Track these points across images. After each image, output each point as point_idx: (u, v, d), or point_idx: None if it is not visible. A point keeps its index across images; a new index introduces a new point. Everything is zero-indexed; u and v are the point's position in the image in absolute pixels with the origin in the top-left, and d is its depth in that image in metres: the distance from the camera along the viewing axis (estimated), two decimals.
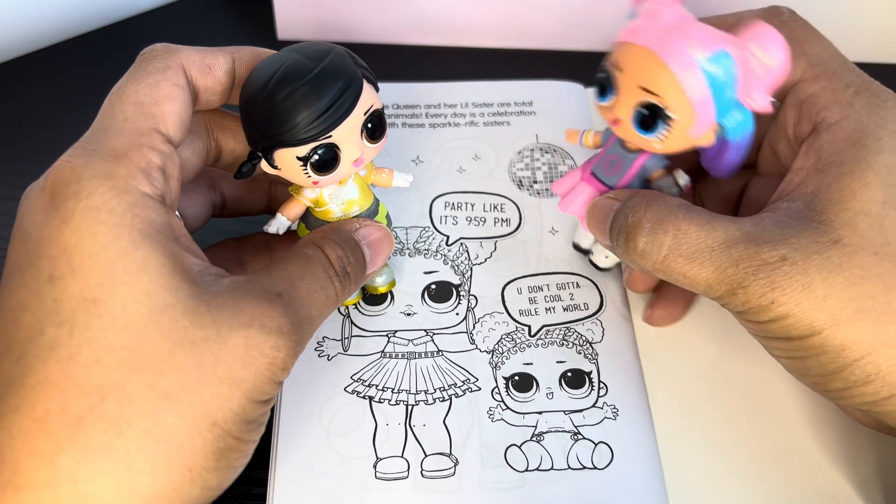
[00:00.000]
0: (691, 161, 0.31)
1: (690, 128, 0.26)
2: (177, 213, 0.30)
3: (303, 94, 0.26)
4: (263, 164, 0.28)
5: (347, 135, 0.27)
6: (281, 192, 0.33)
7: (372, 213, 0.31)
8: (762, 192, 0.30)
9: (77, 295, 0.22)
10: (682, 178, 0.29)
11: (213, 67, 0.27)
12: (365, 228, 0.29)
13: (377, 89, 0.28)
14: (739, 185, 0.32)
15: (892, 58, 0.45)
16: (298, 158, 0.27)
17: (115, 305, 0.22)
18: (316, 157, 0.27)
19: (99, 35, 0.45)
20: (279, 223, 0.29)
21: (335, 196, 0.30)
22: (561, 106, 0.41)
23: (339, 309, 0.34)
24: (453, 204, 0.38)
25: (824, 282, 0.24)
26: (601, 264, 0.35)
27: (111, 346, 0.22)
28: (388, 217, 0.32)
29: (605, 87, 0.28)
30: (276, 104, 0.26)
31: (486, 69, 0.44)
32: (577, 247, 0.36)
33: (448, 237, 0.36)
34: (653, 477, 0.30)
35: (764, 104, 0.26)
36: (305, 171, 0.27)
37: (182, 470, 0.23)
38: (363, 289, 0.34)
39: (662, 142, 0.27)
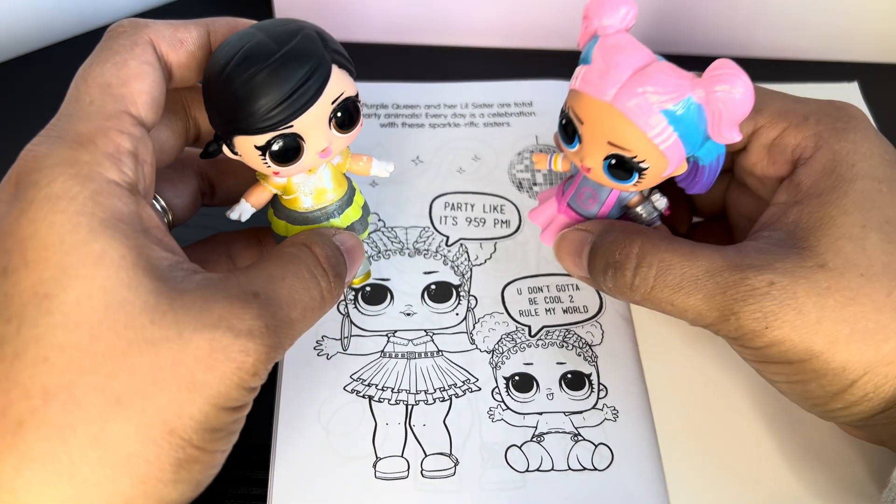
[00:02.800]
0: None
1: (663, 171, 0.26)
2: (161, 202, 0.29)
3: (262, 80, 0.24)
4: (225, 149, 0.26)
5: (312, 124, 0.25)
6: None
7: (346, 202, 0.29)
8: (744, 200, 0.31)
9: (29, 289, 0.21)
10: (661, 202, 0.29)
11: (186, 42, 0.26)
12: (341, 235, 0.28)
13: (353, 75, 0.26)
14: (724, 186, 0.33)
15: (892, 58, 0.45)
16: (257, 147, 0.25)
17: (68, 301, 0.21)
18: (275, 146, 0.25)
19: (99, 35, 0.44)
20: (242, 209, 0.28)
21: (304, 185, 0.28)
22: (560, 106, 0.41)
23: (337, 308, 0.34)
24: (453, 204, 0.38)
25: (815, 305, 0.24)
26: None
27: (60, 345, 0.20)
28: (364, 207, 0.30)
29: (572, 134, 0.27)
30: (235, 88, 0.24)
31: (486, 68, 0.44)
32: None
33: (448, 237, 0.36)
34: (653, 478, 0.30)
35: (733, 138, 0.25)
36: (265, 161, 0.25)
37: (133, 482, 0.21)
38: None
39: (637, 186, 0.27)
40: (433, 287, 0.35)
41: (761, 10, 0.43)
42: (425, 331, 0.33)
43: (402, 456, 0.30)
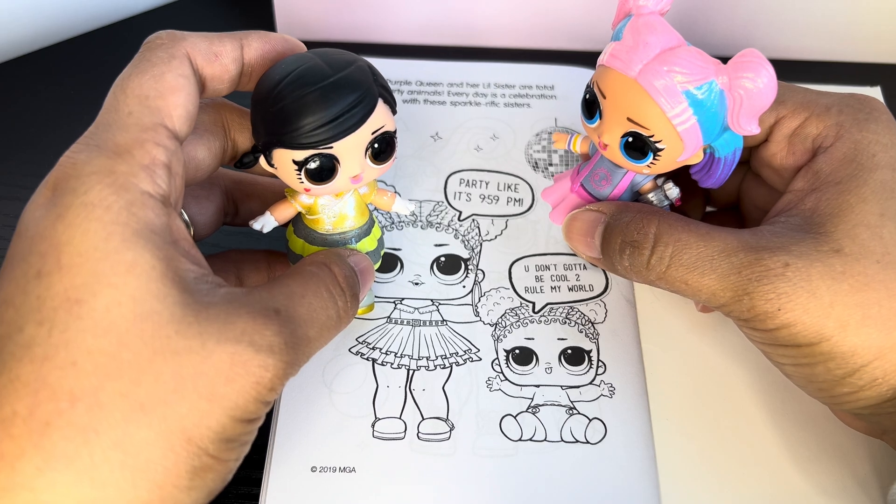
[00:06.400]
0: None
1: (679, 155, 0.26)
2: (184, 216, 0.29)
3: (313, 99, 0.25)
4: (262, 161, 0.27)
5: (350, 150, 0.26)
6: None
7: (363, 232, 0.30)
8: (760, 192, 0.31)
9: (61, 294, 0.21)
10: (673, 192, 0.29)
11: (221, 55, 0.26)
12: (355, 256, 0.29)
13: (394, 111, 0.28)
14: (739, 178, 0.33)
15: (892, 58, 0.45)
16: (294, 162, 0.26)
17: (98, 307, 0.21)
18: (312, 164, 0.26)
19: (99, 35, 0.45)
20: (265, 221, 0.29)
21: (329, 208, 0.29)
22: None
23: None
24: (468, 181, 0.38)
25: (829, 289, 0.24)
26: None
27: (88, 350, 0.21)
28: (380, 241, 0.31)
29: (591, 109, 0.27)
30: (285, 104, 0.25)
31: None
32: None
33: (461, 212, 0.37)
34: (644, 455, 0.30)
35: (752, 130, 0.25)
36: (299, 177, 0.26)
37: (151, 487, 0.21)
38: None
39: (651, 168, 0.27)
40: (443, 259, 0.36)
41: (782, 11, 0.43)
42: (432, 300, 0.34)
43: (399, 418, 0.31)
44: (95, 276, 0.21)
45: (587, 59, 0.43)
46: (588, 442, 0.31)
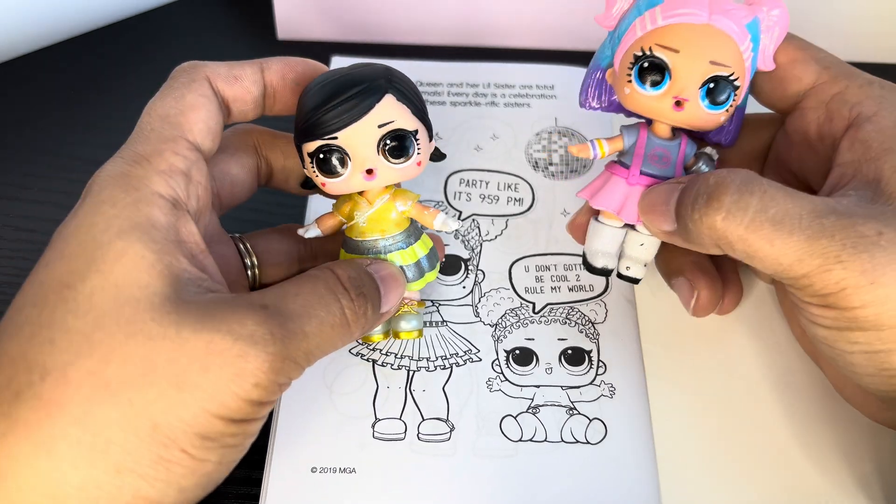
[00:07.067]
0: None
1: (742, 93, 0.28)
2: (252, 257, 0.31)
3: (320, 92, 0.27)
4: (311, 174, 0.28)
5: (358, 142, 0.27)
6: None
7: (397, 244, 0.29)
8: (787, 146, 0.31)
9: (57, 279, 0.23)
10: (714, 153, 0.30)
11: (240, 78, 0.28)
12: (376, 264, 0.28)
13: (416, 113, 0.28)
14: (765, 139, 0.32)
15: (892, 58, 0.45)
16: (309, 156, 0.27)
17: (84, 291, 0.22)
18: (322, 156, 0.27)
19: (99, 35, 0.45)
20: (310, 228, 0.30)
21: (361, 213, 0.29)
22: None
23: None
24: (468, 181, 0.38)
25: None
26: (638, 274, 0.31)
27: (67, 329, 0.22)
28: (422, 260, 0.30)
29: (657, 75, 0.27)
30: (303, 100, 0.27)
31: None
32: (596, 270, 0.31)
33: (461, 212, 0.37)
34: (645, 456, 0.30)
35: (772, 64, 0.29)
36: (313, 170, 0.28)
37: (108, 468, 0.21)
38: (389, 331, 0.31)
39: (728, 112, 0.28)
40: (443, 260, 0.36)
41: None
42: (432, 301, 0.34)
43: (400, 418, 0.31)
44: (88, 263, 0.23)
45: (587, 59, 0.43)
46: (588, 442, 0.31)
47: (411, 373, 0.32)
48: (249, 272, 0.31)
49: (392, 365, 0.32)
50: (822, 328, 0.25)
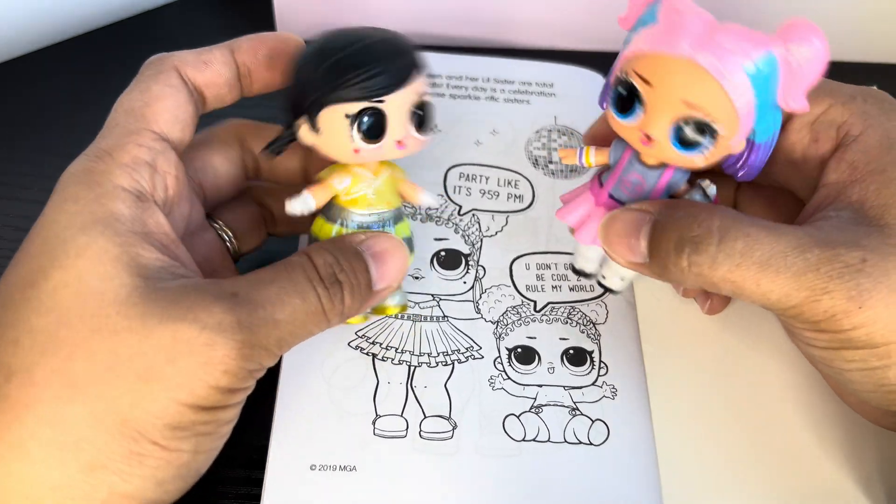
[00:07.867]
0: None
1: (734, 139, 0.24)
2: (228, 232, 0.31)
3: (362, 52, 0.25)
4: (302, 132, 0.26)
5: (398, 109, 0.26)
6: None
7: (397, 217, 0.29)
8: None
9: (21, 278, 0.23)
10: (711, 189, 0.27)
11: (210, 62, 0.27)
12: (371, 239, 0.27)
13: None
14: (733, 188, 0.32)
15: (892, 58, 0.45)
16: (347, 117, 0.25)
17: (46, 289, 0.22)
18: (366, 118, 0.25)
19: (99, 35, 0.45)
20: (305, 201, 0.27)
21: (368, 183, 0.28)
22: (581, 92, 0.41)
23: None
24: (468, 175, 0.38)
25: None
26: (615, 286, 0.31)
27: (30, 329, 0.22)
28: (409, 240, 0.30)
29: (627, 103, 0.25)
30: (335, 60, 0.25)
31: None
32: (579, 272, 0.32)
33: (460, 207, 0.36)
34: (647, 457, 0.30)
35: (803, 105, 0.24)
36: (350, 135, 0.26)
37: (81, 467, 0.21)
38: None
39: (707, 158, 0.25)
40: (443, 254, 0.35)
41: (781, 11, 0.43)
42: (432, 295, 0.34)
43: (401, 415, 0.30)
44: (51, 260, 0.22)
45: (587, 58, 0.43)
46: (591, 443, 0.30)
47: (412, 368, 0.31)
48: (229, 245, 0.31)
49: (392, 360, 0.32)
50: (817, 349, 0.26)
